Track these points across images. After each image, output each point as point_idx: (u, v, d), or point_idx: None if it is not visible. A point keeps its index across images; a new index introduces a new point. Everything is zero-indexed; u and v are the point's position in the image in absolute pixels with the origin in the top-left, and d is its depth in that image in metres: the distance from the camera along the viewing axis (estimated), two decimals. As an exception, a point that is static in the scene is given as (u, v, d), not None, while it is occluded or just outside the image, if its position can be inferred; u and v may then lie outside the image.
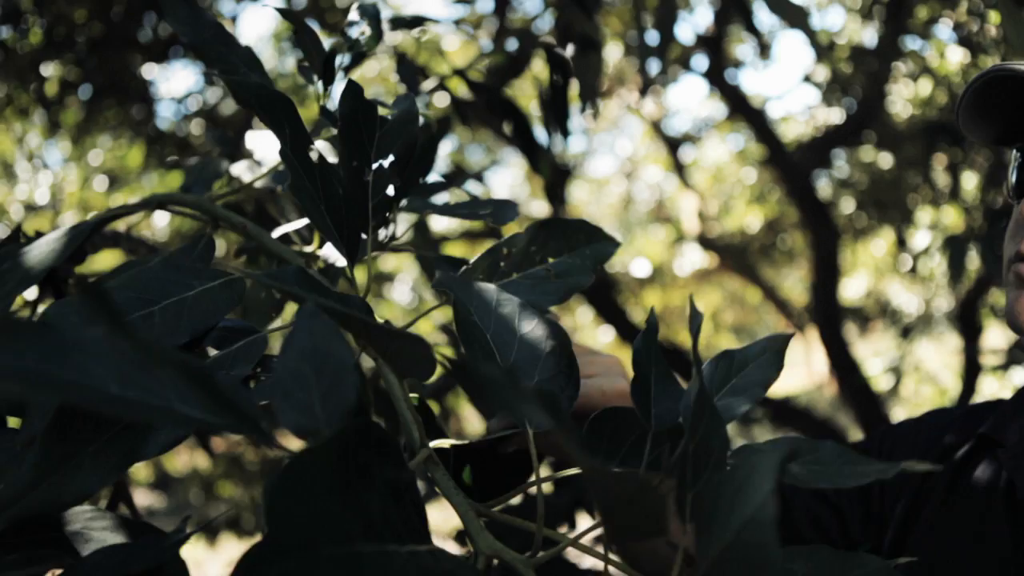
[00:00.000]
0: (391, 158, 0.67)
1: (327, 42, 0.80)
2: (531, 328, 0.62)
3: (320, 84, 0.75)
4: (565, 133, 1.44)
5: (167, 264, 0.64)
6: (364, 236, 0.66)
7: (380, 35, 0.76)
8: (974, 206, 4.56)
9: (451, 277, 0.62)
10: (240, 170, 0.87)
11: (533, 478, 0.61)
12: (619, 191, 8.08)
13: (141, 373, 0.39)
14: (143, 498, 6.47)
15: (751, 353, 0.68)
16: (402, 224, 0.77)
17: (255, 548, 0.35)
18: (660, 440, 0.63)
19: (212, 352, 0.63)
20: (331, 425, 0.43)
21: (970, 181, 4.75)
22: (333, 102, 0.78)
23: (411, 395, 0.65)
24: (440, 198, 0.84)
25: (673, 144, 6.43)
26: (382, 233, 0.71)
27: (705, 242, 6.43)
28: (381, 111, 0.68)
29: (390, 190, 0.67)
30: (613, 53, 5.66)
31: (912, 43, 4.90)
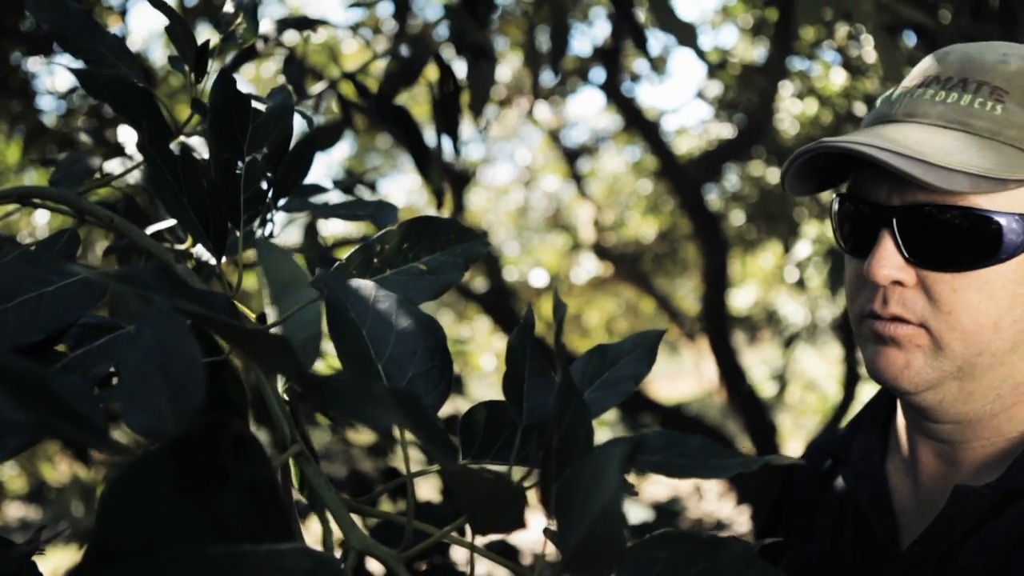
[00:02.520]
0: (264, 151, 0.66)
1: (215, 40, 0.79)
2: (407, 324, 0.62)
3: (192, 76, 0.74)
4: (455, 140, 1.45)
5: (23, 259, 0.62)
6: (236, 231, 0.65)
7: (256, 27, 0.75)
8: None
9: (330, 274, 0.62)
10: (114, 166, 0.85)
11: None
12: (517, 199, 8.14)
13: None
14: (17, 510, 6.16)
15: (623, 348, 0.70)
16: (281, 225, 0.76)
17: (82, 559, 0.34)
18: (530, 434, 0.64)
19: (70, 350, 0.61)
20: (179, 425, 0.42)
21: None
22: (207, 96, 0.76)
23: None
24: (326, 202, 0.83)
25: (570, 154, 6.51)
26: (258, 232, 0.70)
27: (601, 251, 6.53)
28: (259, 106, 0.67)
29: (263, 184, 0.66)
30: (513, 62, 5.70)
31: (799, 64, 5.09)
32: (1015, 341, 0.86)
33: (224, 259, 0.66)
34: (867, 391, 5.77)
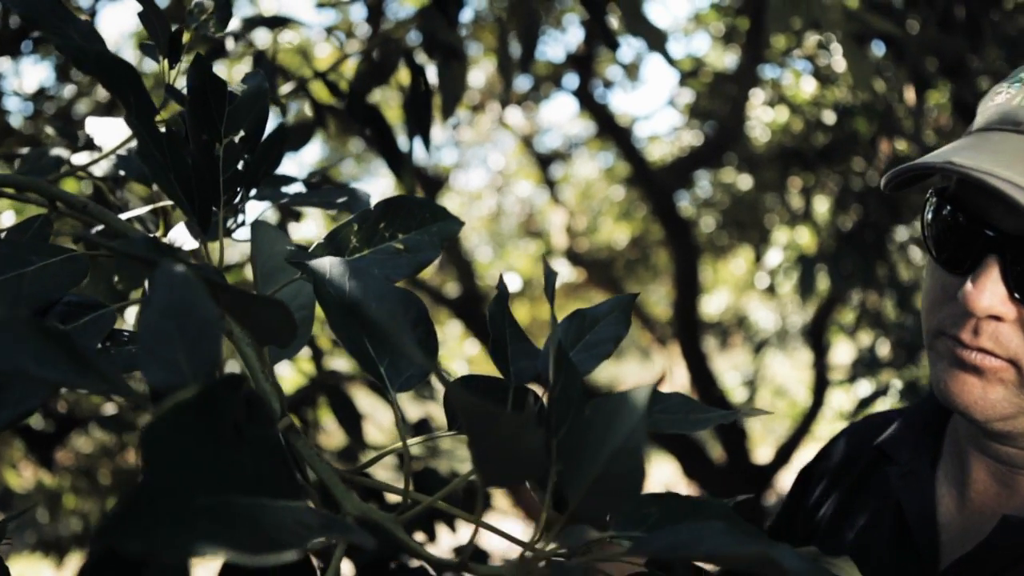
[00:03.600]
0: (241, 133, 0.67)
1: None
2: (386, 297, 0.63)
3: (165, 63, 0.74)
4: (427, 142, 1.45)
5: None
6: (216, 210, 0.66)
7: (227, 19, 0.75)
8: (825, 228, 4.82)
9: (303, 254, 0.63)
10: (81, 159, 0.84)
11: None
12: (490, 204, 8.15)
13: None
14: (-18, 516, 6.06)
15: (600, 312, 0.73)
16: (253, 216, 0.76)
17: (134, 490, 0.35)
18: (520, 394, 0.66)
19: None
20: (198, 380, 0.42)
21: (822, 204, 5.01)
22: (178, 82, 0.77)
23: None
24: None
25: (543, 160, 6.53)
26: (230, 222, 0.70)
27: (573, 257, 6.55)
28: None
29: (240, 165, 0.67)
30: (487, 67, 5.71)
31: (770, 72, 5.15)
32: None
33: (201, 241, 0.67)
34: (837, 397, 5.82)
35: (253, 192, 0.75)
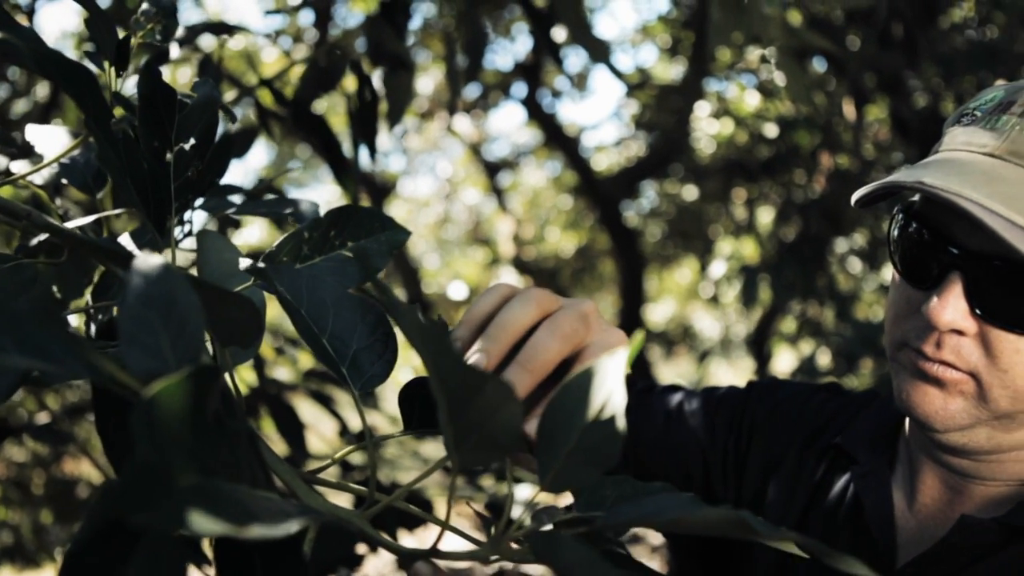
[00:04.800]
0: (192, 141, 0.67)
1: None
2: (343, 303, 0.64)
3: (112, 71, 0.74)
4: (373, 149, 1.45)
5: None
6: (168, 218, 0.65)
7: (175, 27, 0.75)
8: (768, 239, 4.90)
9: (255, 264, 0.63)
10: (21, 167, 0.83)
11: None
12: (438, 212, 8.14)
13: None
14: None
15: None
16: (200, 225, 0.76)
17: (131, 464, 0.35)
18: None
19: None
20: (183, 367, 0.42)
21: (765, 215, 5.09)
22: (126, 90, 0.76)
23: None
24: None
25: (491, 168, 6.55)
26: (178, 231, 0.70)
27: (520, 265, 6.58)
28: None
29: (191, 173, 0.67)
30: (435, 75, 5.72)
31: (716, 84, 5.23)
32: None
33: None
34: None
35: (199, 202, 0.75)
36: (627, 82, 5.14)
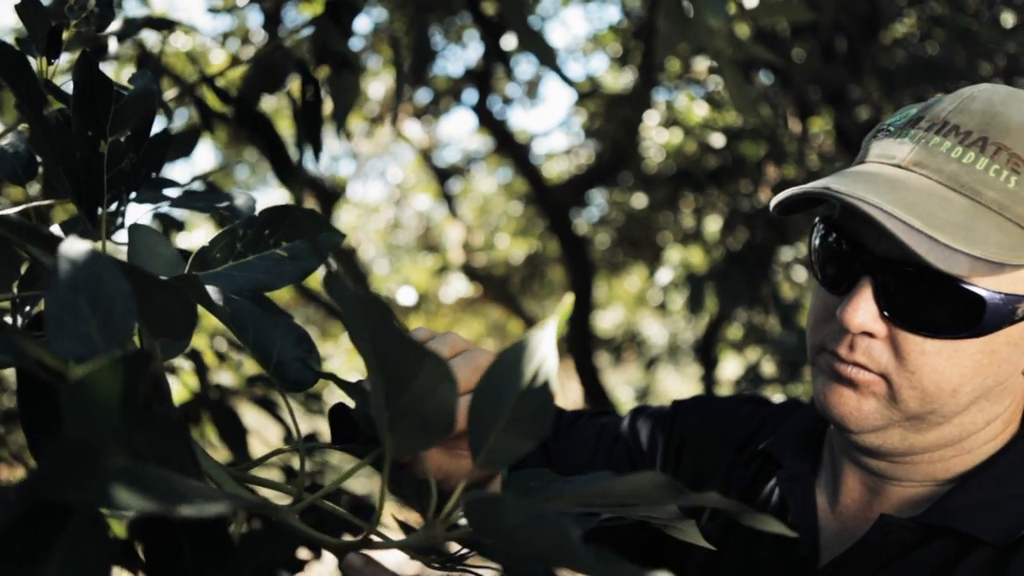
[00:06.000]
0: (128, 132, 0.66)
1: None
2: (265, 317, 0.64)
3: (43, 59, 0.72)
4: (317, 151, 1.44)
5: None
6: (100, 209, 0.64)
7: (110, 17, 0.74)
8: (715, 246, 4.96)
9: (177, 278, 0.63)
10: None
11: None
12: (387, 217, 8.11)
13: None
14: None
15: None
16: (134, 219, 0.75)
17: (58, 443, 0.35)
18: None
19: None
20: (110, 352, 0.42)
21: (712, 224, 5.15)
22: (57, 80, 0.75)
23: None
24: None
25: (442, 174, 6.54)
26: (111, 223, 0.69)
27: (470, 272, 6.57)
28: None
29: (125, 165, 0.66)
30: (387, 80, 5.69)
31: (665, 94, 5.28)
32: (968, 405, 0.87)
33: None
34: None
35: (134, 195, 0.74)
36: (578, 90, 5.17)
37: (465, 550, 0.62)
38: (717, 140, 4.61)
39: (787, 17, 3.01)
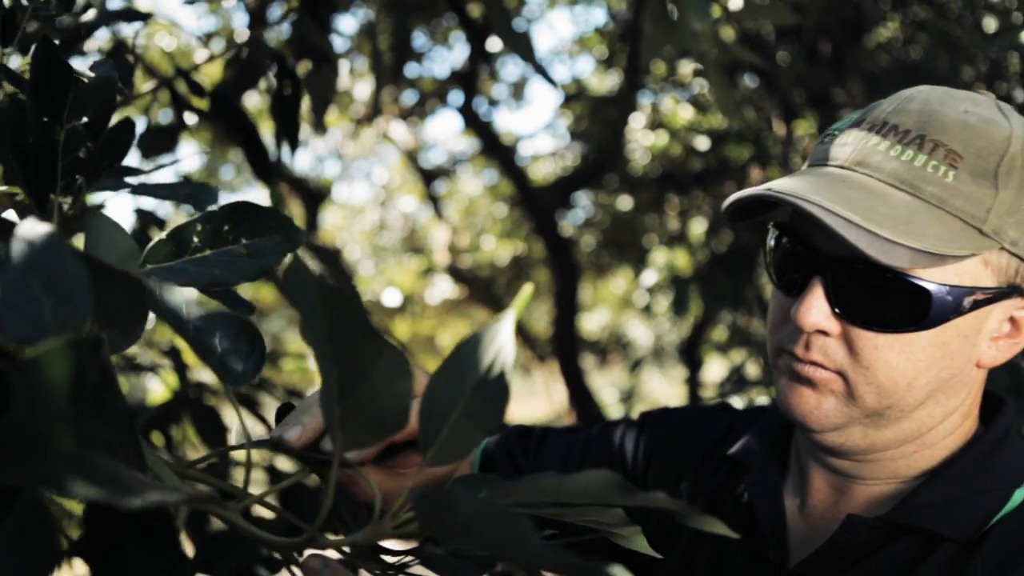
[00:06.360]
0: (85, 120, 0.65)
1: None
2: (201, 312, 0.63)
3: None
4: (294, 144, 1.43)
5: None
6: (53, 196, 0.63)
7: (70, 1, 0.73)
8: (700, 248, 4.97)
9: (133, 263, 0.62)
10: None
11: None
12: (373, 218, 8.09)
13: None
14: None
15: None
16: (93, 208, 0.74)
17: (6, 425, 0.34)
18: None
19: None
20: (63, 335, 0.41)
21: (698, 226, 5.16)
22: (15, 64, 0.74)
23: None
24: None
25: (427, 175, 6.53)
26: (69, 210, 0.68)
27: (455, 273, 6.57)
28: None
29: (82, 154, 0.65)
30: (373, 81, 5.68)
31: (651, 96, 5.29)
32: (925, 399, 0.89)
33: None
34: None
35: (94, 182, 0.73)
36: (563, 91, 5.17)
37: (408, 558, 0.61)
38: (702, 143, 4.62)
39: (772, 20, 3.02)
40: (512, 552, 0.41)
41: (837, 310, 0.86)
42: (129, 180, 0.73)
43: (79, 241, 0.63)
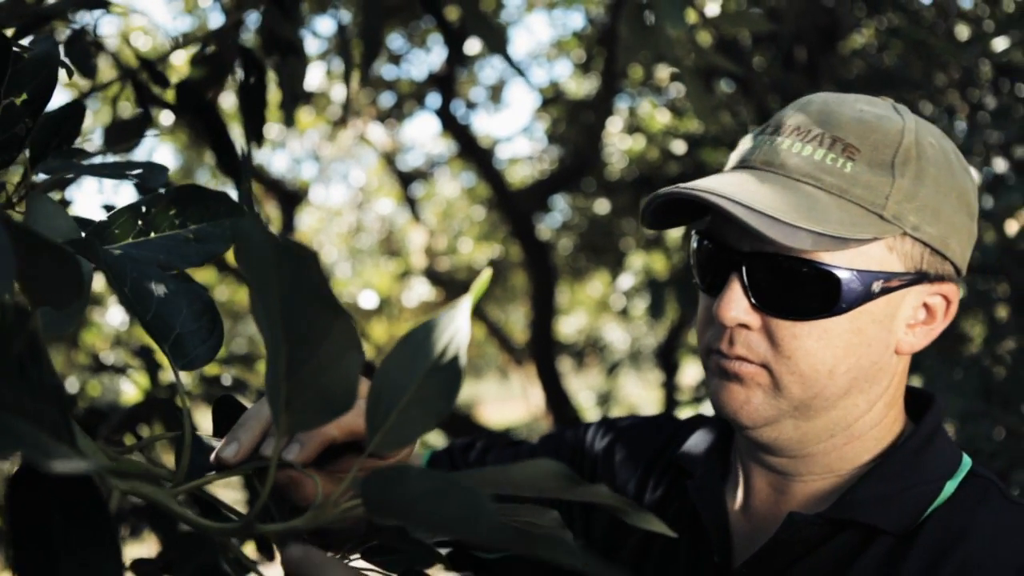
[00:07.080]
0: (24, 96, 0.63)
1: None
2: (167, 289, 0.62)
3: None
4: (260, 138, 1.42)
5: None
6: None
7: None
8: (676, 252, 4.98)
9: (80, 237, 0.60)
10: None
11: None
12: (350, 220, 8.06)
13: None
14: None
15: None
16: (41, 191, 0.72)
17: None
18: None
19: None
20: None
21: (674, 230, 5.18)
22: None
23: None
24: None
25: (405, 178, 6.52)
26: (12, 194, 0.66)
27: (432, 276, 6.55)
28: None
29: (19, 132, 0.64)
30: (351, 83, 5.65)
31: (628, 101, 5.31)
32: (848, 387, 0.92)
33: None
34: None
35: (39, 163, 0.71)
36: (541, 95, 5.18)
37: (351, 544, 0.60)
38: (679, 147, 4.64)
39: (748, 27, 3.04)
40: (466, 529, 0.40)
41: (755, 302, 0.90)
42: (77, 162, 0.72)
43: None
